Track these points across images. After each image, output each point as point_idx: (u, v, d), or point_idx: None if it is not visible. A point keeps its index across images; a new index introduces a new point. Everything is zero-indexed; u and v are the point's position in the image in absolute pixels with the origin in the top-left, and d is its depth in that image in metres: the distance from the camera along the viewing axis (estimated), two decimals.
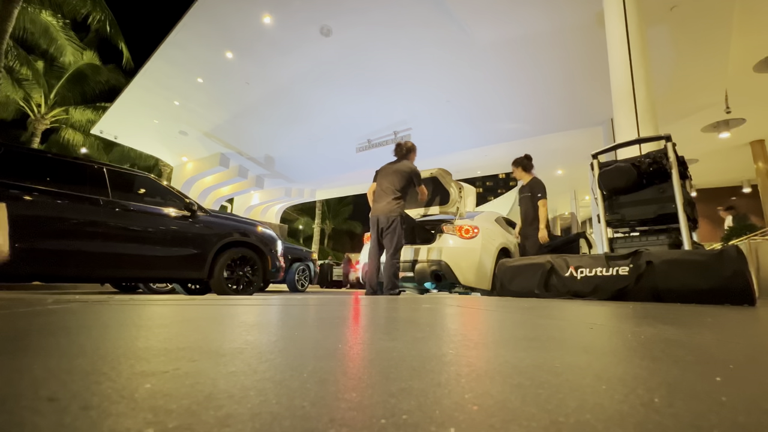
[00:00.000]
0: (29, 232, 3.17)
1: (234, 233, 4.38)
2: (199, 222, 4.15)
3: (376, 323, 1.12)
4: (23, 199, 3.21)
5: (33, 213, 3.24)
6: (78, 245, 3.42)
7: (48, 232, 3.28)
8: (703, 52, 6.91)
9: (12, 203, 3.09)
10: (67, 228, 3.39)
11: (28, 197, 3.24)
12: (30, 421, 0.28)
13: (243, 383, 0.40)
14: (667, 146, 3.14)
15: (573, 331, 1.04)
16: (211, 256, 4.15)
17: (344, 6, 7.23)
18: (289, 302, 1.82)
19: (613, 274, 2.63)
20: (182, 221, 4.05)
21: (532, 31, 7.01)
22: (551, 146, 11.21)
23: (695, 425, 0.32)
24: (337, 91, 9.81)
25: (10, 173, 3.22)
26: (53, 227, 3.32)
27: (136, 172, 4.18)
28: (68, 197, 3.44)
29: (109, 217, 3.62)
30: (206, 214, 4.27)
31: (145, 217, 3.84)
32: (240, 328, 0.88)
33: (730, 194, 15.21)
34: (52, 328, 0.76)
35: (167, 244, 3.92)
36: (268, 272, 4.59)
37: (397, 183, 3.99)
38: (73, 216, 3.43)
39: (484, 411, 0.34)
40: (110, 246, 3.59)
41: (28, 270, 3.22)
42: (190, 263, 4.02)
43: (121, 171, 3.99)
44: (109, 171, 3.84)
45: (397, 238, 3.82)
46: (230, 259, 4.28)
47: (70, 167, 3.67)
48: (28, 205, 3.23)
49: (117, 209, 3.68)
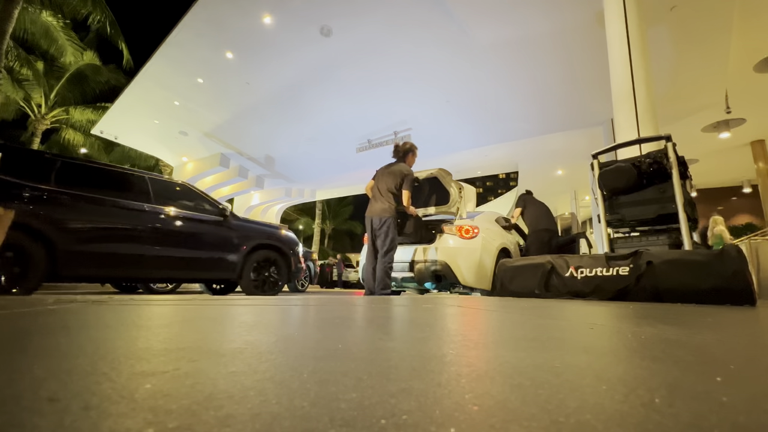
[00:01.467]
0: (81, 236, 3.43)
1: (261, 236, 4.64)
2: (230, 226, 4.40)
3: (376, 323, 1.12)
4: (75, 205, 3.47)
5: (84, 218, 3.50)
6: (124, 248, 3.67)
7: (98, 236, 3.55)
8: (703, 52, 6.91)
9: (65, 209, 3.40)
10: (114, 232, 3.66)
11: (80, 203, 3.50)
12: (30, 421, 0.28)
13: (243, 383, 0.40)
14: (667, 146, 3.14)
15: (573, 332, 1.04)
16: (242, 258, 4.39)
17: (344, 6, 7.24)
18: (289, 302, 1.82)
19: (613, 274, 2.63)
20: (216, 226, 4.32)
21: (532, 32, 7.01)
22: (551, 146, 11.21)
23: (696, 425, 0.32)
24: (337, 91, 9.81)
25: (63, 181, 3.49)
26: (103, 232, 3.59)
27: (174, 180, 4.47)
28: (116, 204, 3.71)
29: (152, 222, 3.87)
30: (235, 218, 4.52)
31: (184, 222, 4.10)
32: (240, 328, 0.88)
33: (731, 194, 15.21)
34: (52, 328, 0.76)
35: (204, 247, 4.19)
36: (291, 273, 4.84)
37: (390, 185, 4.01)
38: (119, 221, 3.69)
39: (485, 411, 0.34)
40: (153, 249, 3.84)
41: (81, 271, 3.48)
42: (223, 265, 4.28)
43: (161, 179, 4.28)
44: (151, 179, 4.14)
45: (390, 239, 3.83)
46: (257, 260, 4.52)
47: (117, 176, 3.99)
48: (80, 210, 3.49)
49: (161, 215, 3.96)
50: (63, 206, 3.39)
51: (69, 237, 3.34)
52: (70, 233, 3.36)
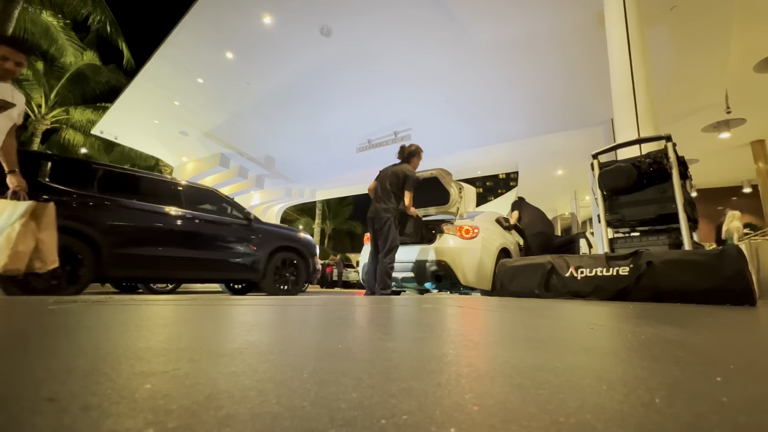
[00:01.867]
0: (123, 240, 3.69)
1: (282, 239, 4.91)
2: (254, 230, 4.65)
3: (376, 323, 1.12)
4: (117, 210, 3.72)
5: (125, 223, 3.76)
6: (161, 251, 3.93)
7: (138, 240, 3.80)
8: (704, 53, 6.91)
9: (108, 214, 3.65)
10: (152, 236, 3.91)
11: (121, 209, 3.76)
12: (30, 421, 0.28)
13: (243, 383, 0.40)
14: (667, 146, 3.14)
15: (573, 332, 1.04)
16: (265, 259, 4.64)
17: (344, 6, 7.24)
18: (290, 303, 1.82)
19: (613, 274, 2.63)
20: (242, 229, 4.56)
21: (532, 32, 7.01)
22: (551, 146, 11.22)
23: (696, 425, 0.32)
24: (337, 91, 9.81)
25: (105, 188, 3.74)
26: (142, 235, 3.84)
27: (203, 186, 4.75)
28: (152, 209, 3.97)
29: (186, 226, 4.14)
30: (258, 222, 4.77)
31: (215, 227, 4.37)
32: (240, 328, 0.88)
33: (731, 194, 15.21)
34: (52, 328, 0.76)
35: (232, 250, 4.46)
36: (309, 274, 5.09)
37: (393, 185, 4.01)
38: (156, 225, 3.95)
39: (485, 411, 0.34)
40: (187, 251, 4.11)
41: (123, 272, 3.75)
42: (249, 266, 4.54)
43: (192, 185, 4.58)
44: (183, 185, 4.45)
45: (391, 239, 3.83)
46: (279, 262, 4.78)
47: (152, 182, 4.27)
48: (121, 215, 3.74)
49: (194, 219, 4.23)
50: (106, 211, 3.64)
51: (112, 240, 3.59)
52: (113, 237, 3.61)
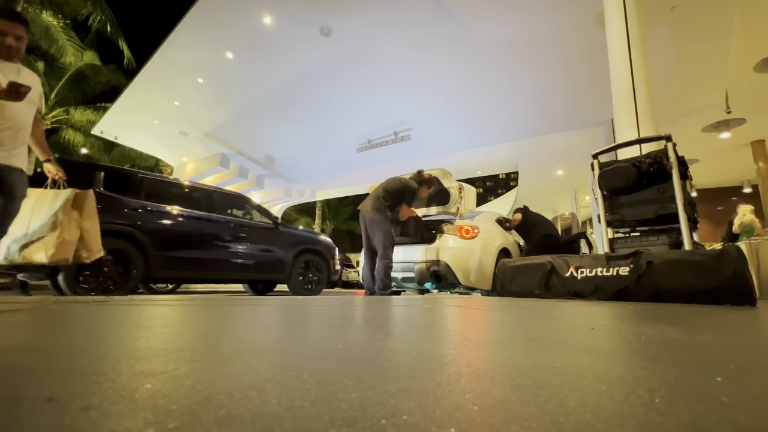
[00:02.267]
0: (168, 243, 4.01)
1: (305, 242, 5.25)
2: (281, 233, 5.00)
3: (376, 323, 1.12)
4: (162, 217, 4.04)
5: (169, 227, 4.09)
6: (201, 253, 4.28)
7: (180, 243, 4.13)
8: (704, 53, 6.91)
9: (154, 219, 3.96)
10: (193, 239, 4.25)
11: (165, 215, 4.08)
12: (30, 421, 0.28)
13: (243, 383, 0.40)
14: (667, 146, 3.14)
15: (573, 332, 1.04)
16: (291, 261, 4.99)
17: (344, 6, 7.24)
18: (290, 303, 1.82)
19: (613, 274, 2.63)
20: (271, 233, 4.90)
21: (532, 32, 7.01)
22: (552, 146, 11.21)
23: (696, 426, 0.32)
24: (337, 91, 9.81)
25: (150, 196, 4.04)
26: (184, 239, 4.17)
27: (236, 193, 5.15)
28: (192, 215, 4.30)
29: (222, 230, 4.49)
30: (284, 226, 5.11)
31: (246, 230, 4.69)
32: (240, 328, 0.88)
33: (731, 194, 15.21)
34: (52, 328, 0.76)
35: (262, 252, 4.79)
36: (330, 274, 5.42)
37: (392, 188, 4.03)
38: (196, 229, 4.29)
39: (485, 411, 0.34)
40: (224, 254, 4.47)
41: (167, 273, 4.05)
42: (277, 267, 4.88)
43: (226, 193, 4.96)
44: (218, 193, 4.80)
45: (383, 237, 3.83)
46: (303, 263, 5.14)
47: (192, 190, 4.62)
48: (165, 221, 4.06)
49: (229, 224, 4.58)
50: (152, 217, 3.94)
51: (158, 243, 3.90)
52: (158, 240, 3.92)
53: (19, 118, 2.11)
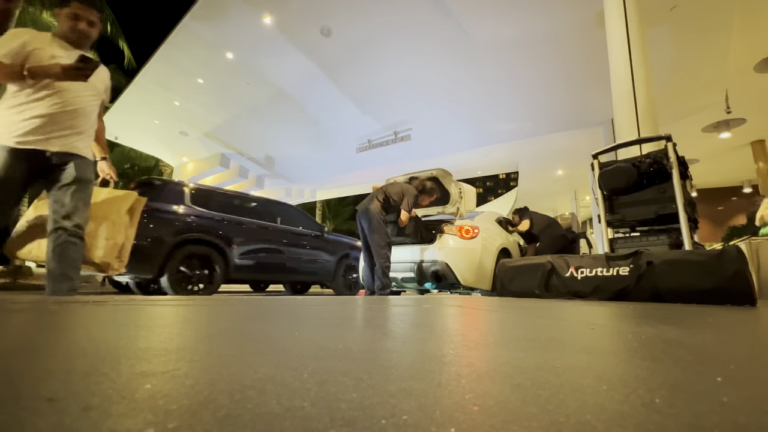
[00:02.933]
0: (242, 250, 4.67)
1: (345, 247, 5.94)
2: (327, 240, 5.70)
3: (376, 323, 1.12)
4: (236, 227, 4.69)
5: (242, 236, 4.72)
6: (267, 258, 4.94)
7: (251, 250, 4.79)
8: (704, 52, 6.91)
9: (231, 229, 4.61)
10: (261, 246, 4.90)
11: (239, 225, 4.71)
12: (30, 421, 0.28)
13: (243, 383, 0.40)
14: (667, 146, 3.14)
15: (574, 332, 1.04)
16: (335, 264, 5.71)
17: (344, 6, 7.24)
18: (290, 303, 1.82)
19: (613, 274, 2.63)
20: (319, 240, 5.62)
21: (532, 31, 7.01)
22: (552, 146, 11.21)
23: (696, 426, 0.32)
24: (337, 91, 9.81)
25: (225, 209, 4.70)
26: (254, 246, 4.83)
27: (289, 204, 5.87)
28: (260, 225, 4.97)
29: (283, 238, 5.18)
30: (329, 234, 5.82)
31: (300, 238, 5.39)
32: (240, 328, 0.88)
33: (731, 194, 15.21)
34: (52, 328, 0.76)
35: (314, 257, 5.51)
36: None
37: (391, 193, 4.04)
38: (263, 238, 4.93)
39: (485, 411, 0.34)
40: (285, 258, 5.14)
41: (242, 276, 4.72)
42: (325, 270, 5.62)
43: (282, 204, 5.72)
44: (277, 205, 5.59)
45: (378, 236, 3.84)
46: (344, 267, 5.86)
47: (258, 203, 5.32)
48: (239, 230, 4.71)
49: (288, 232, 5.27)
50: (229, 227, 4.61)
51: (234, 250, 4.57)
52: (235, 247, 4.59)
53: (81, 104, 2.02)
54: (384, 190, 4.08)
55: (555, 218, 5.83)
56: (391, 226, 4.16)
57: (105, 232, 2.13)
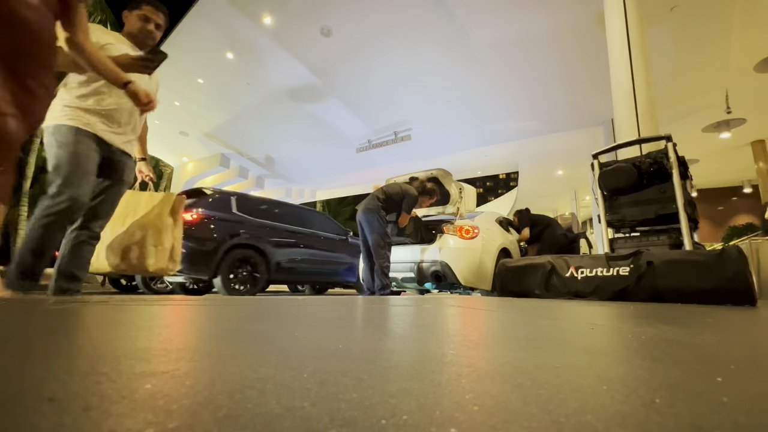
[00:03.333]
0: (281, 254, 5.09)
1: None
2: (350, 243, 5.98)
3: (376, 323, 1.12)
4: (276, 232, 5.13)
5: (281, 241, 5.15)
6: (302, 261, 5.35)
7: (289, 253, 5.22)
8: (704, 52, 6.91)
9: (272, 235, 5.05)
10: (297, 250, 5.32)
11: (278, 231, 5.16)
12: (30, 421, 0.28)
13: (243, 383, 0.40)
14: (667, 146, 3.14)
15: (574, 332, 1.04)
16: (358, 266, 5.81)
17: (344, 6, 7.24)
18: (289, 303, 1.82)
19: (613, 274, 2.63)
20: (344, 244, 5.96)
21: (532, 31, 7.01)
22: (552, 146, 11.21)
23: (696, 426, 0.32)
24: (337, 91, 9.81)
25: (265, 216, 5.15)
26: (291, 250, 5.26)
27: (318, 212, 6.28)
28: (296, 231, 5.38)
29: (314, 242, 5.55)
30: (353, 237, 6.04)
31: (330, 242, 5.76)
32: (241, 328, 0.88)
33: (731, 194, 15.21)
34: (52, 328, 0.76)
35: (340, 259, 5.84)
36: None
37: (391, 193, 4.04)
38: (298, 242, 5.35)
39: (485, 411, 0.34)
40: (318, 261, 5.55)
41: (281, 277, 5.16)
42: (349, 271, 5.93)
43: (313, 211, 6.11)
44: (310, 212, 6.00)
45: (379, 238, 3.84)
46: None
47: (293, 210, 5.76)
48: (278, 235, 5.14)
49: (320, 237, 5.65)
50: (270, 233, 5.03)
51: (275, 254, 4.99)
52: (275, 251, 5.01)
53: None
54: (384, 190, 4.08)
55: (555, 218, 5.85)
56: (391, 226, 4.16)
57: (152, 239, 2.09)
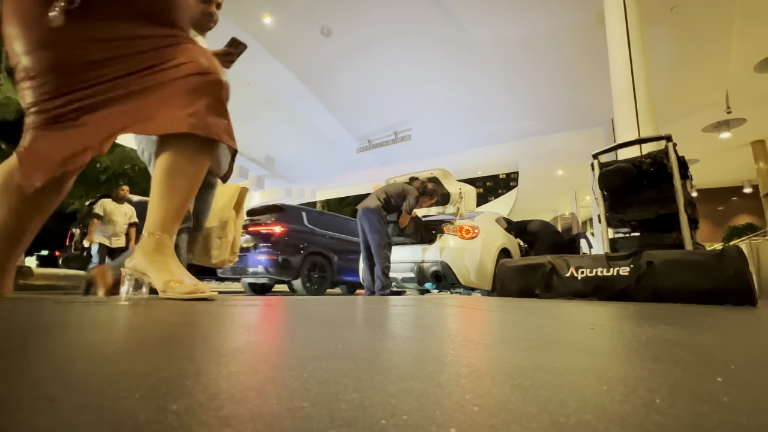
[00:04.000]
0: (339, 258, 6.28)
1: None
2: None
3: (376, 323, 1.12)
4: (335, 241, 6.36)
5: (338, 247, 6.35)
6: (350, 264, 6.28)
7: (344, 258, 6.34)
8: (704, 52, 6.91)
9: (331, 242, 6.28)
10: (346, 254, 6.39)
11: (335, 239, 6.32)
12: (30, 421, 0.28)
13: (243, 383, 0.40)
14: (667, 146, 3.14)
15: (574, 332, 1.04)
16: None
17: (345, 6, 7.24)
18: (289, 303, 1.82)
19: (613, 274, 2.63)
20: None
21: (532, 31, 7.01)
22: (552, 146, 11.22)
23: (696, 426, 0.32)
24: (337, 91, 9.82)
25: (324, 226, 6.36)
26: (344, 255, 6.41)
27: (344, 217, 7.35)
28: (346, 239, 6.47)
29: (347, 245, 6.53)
30: None
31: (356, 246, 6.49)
32: (241, 328, 0.88)
33: (731, 194, 15.21)
34: (52, 328, 0.76)
35: None
36: None
37: (392, 194, 4.05)
38: (350, 248, 6.34)
39: (485, 411, 0.34)
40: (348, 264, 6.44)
41: (339, 279, 6.47)
42: None
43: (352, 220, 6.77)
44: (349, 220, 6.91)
45: (379, 238, 3.84)
46: None
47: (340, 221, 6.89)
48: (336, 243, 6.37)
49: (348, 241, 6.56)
50: (332, 242, 6.20)
51: (336, 259, 6.17)
52: (336, 257, 6.19)
53: None
54: (385, 191, 4.08)
55: (553, 219, 5.89)
56: (391, 226, 4.17)
57: (217, 231, 2.07)
